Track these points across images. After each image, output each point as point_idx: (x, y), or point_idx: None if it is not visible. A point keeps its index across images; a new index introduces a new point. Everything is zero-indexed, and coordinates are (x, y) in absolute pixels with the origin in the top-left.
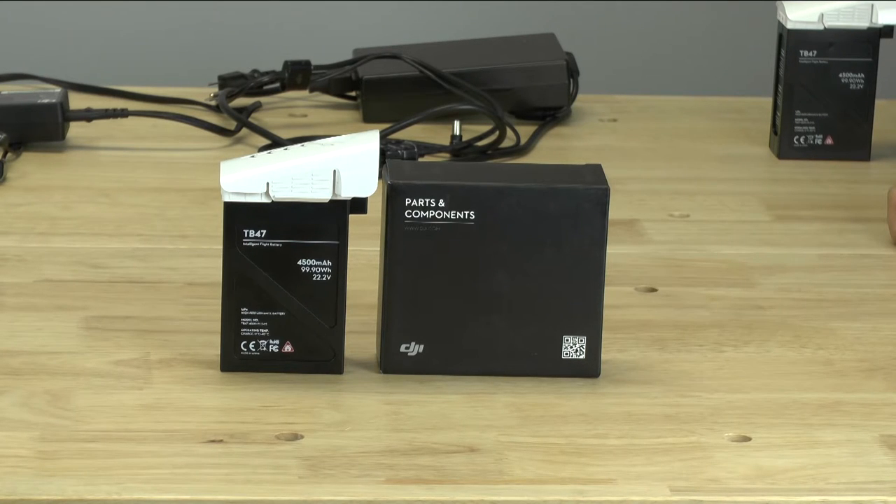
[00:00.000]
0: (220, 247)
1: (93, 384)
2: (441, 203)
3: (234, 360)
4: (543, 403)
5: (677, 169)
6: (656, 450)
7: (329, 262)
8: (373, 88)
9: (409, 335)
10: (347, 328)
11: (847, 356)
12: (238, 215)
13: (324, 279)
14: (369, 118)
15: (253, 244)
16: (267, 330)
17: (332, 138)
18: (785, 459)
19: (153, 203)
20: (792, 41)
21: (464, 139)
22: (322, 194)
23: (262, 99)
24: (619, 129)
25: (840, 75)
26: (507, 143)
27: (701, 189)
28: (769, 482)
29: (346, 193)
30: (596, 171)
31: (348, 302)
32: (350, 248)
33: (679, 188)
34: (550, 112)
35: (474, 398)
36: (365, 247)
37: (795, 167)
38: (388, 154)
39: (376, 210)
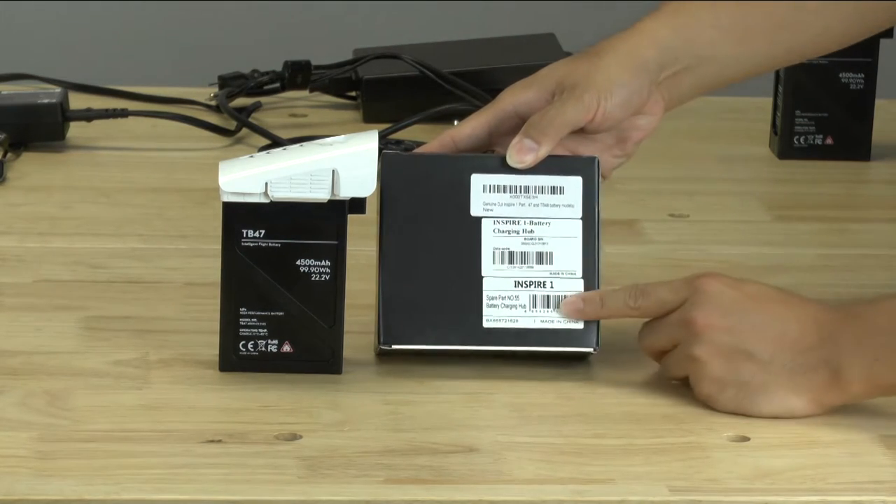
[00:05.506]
0: (220, 247)
1: (91, 384)
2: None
3: (233, 360)
4: (542, 403)
5: (677, 169)
6: (655, 450)
7: (328, 262)
8: (373, 88)
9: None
10: (346, 328)
11: None
12: (237, 215)
13: (323, 279)
14: (369, 118)
15: (252, 244)
16: (266, 330)
17: (332, 138)
18: (783, 459)
19: (153, 203)
20: None
21: None
22: (321, 194)
23: (262, 99)
24: None
25: (840, 75)
26: None
27: (701, 189)
28: (768, 482)
29: (345, 193)
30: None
31: (347, 302)
32: (349, 248)
33: (679, 188)
34: None
35: (473, 398)
36: (364, 247)
37: (795, 167)
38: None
39: (375, 210)
